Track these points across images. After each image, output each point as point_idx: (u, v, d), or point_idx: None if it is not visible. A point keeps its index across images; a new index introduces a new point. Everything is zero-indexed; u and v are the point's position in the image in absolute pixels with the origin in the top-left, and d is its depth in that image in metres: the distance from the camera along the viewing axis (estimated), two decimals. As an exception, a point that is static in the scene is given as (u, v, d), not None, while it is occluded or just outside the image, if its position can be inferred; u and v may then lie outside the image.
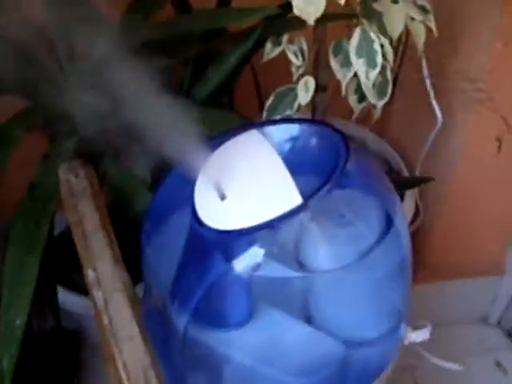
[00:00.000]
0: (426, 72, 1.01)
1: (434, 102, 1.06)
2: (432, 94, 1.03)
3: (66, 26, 0.82)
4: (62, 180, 0.81)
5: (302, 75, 0.84)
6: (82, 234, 0.73)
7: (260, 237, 0.63)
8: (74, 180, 0.80)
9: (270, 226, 0.62)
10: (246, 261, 0.64)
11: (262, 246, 0.64)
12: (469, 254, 1.31)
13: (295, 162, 0.68)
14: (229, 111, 0.91)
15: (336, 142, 0.69)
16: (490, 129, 0.98)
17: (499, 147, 0.97)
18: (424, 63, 1.00)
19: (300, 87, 0.83)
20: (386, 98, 0.86)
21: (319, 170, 0.68)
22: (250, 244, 0.64)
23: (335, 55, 0.83)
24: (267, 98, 0.87)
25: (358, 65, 0.78)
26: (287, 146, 0.72)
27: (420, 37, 0.83)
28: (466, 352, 1.37)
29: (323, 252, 0.69)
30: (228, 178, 0.67)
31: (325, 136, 0.71)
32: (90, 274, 0.69)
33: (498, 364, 1.37)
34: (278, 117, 0.84)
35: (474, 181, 1.17)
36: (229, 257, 0.65)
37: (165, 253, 0.75)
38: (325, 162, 0.69)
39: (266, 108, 0.86)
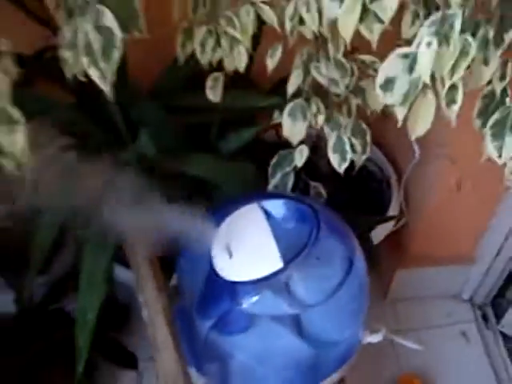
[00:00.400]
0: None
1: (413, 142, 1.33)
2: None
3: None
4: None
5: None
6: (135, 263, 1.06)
7: (253, 286, 0.96)
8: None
9: (258, 281, 0.95)
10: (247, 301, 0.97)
11: (255, 291, 0.96)
12: (444, 247, 1.61)
13: (282, 229, 1.00)
14: (247, 163, 1.20)
15: (311, 216, 1.00)
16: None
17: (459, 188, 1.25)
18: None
19: (297, 152, 1.12)
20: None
21: (301, 234, 1.00)
22: (250, 288, 0.96)
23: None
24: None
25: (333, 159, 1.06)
26: (278, 215, 1.03)
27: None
28: (436, 323, 1.70)
29: (306, 289, 1.00)
30: (233, 242, 0.99)
31: (304, 209, 1.02)
32: (140, 297, 1.03)
33: (463, 334, 1.69)
34: (277, 177, 1.13)
35: (447, 200, 1.46)
36: (233, 295, 0.97)
37: (194, 274, 1.07)
38: (305, 229, 1.00)
39: (271, 165, 1.15)
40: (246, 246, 0.99)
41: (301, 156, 1.13)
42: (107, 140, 1.18)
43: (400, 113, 0.75)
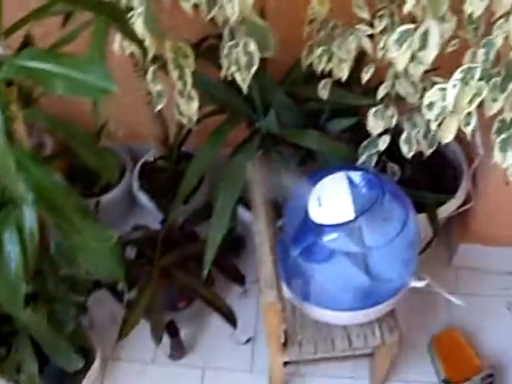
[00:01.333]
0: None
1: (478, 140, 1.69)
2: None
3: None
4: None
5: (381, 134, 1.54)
6: (255, 204, 1.53)
7: (333, 228, 1.40)
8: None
9: (336, 225, 1.38)
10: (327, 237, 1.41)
11: (334, 231, 1.40)
12: (504, 229, 1.98)
13: (358, 192, 1.43)
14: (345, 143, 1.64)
15: (379, 185, 1.42)
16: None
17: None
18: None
19: (381, 140, 1.53)
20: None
21: (371, 197, 1.42)
22: (330, 229, 1.40)
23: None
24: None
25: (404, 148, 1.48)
26: (358, 182, 1.45)
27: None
28: (488, 293, 2.06)
29: (371, 236, 1.43)
30: (323, 196, 1.42)
31: (375, 180, 1.44)
32: (254, 228, 1.49)
33: (509, 304, 2.05)
34: (364, 156, 1.55)
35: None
36: (318, 233, 1.42)
37: (293, 217, 1.52)
38: (374, 194, 1.42)
39: (360, 146, 1.57)
40: (331, 201, 1.42)
41: (383, 143, 1.54)
42: (247, 112, 1.64)
43: (433, 125, 1.16)
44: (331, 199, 1.42)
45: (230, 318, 1.76)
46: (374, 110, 1.43)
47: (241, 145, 1.67)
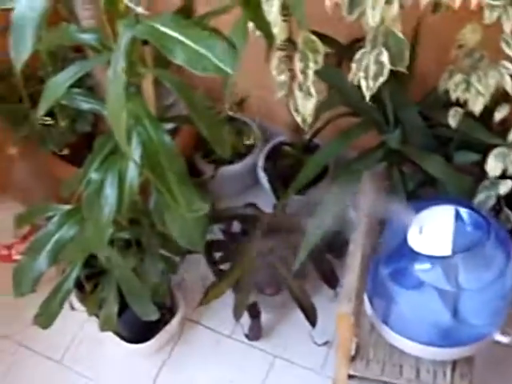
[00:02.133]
0: None
1: None
2: None
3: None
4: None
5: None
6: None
7: (428, 259, 1.36)
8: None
9: (431, 257, 1.35)
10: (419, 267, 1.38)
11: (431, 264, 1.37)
12: None
13: (463, 230, 1.38)
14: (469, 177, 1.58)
15: (486, 229, 1.37)
16: None
17: None
18: None
19: (502, 184, 1.47)
20: None
21: (474, 238, 1.38)
22: (425, 259, 1.37)
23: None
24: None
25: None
26: (465, 219, 1.40)
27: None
28: None
29: (467, 277, 1.39)
30: (426, 225, 1.39)
31: (483, 223, 1.39)
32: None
33: None
34: (482, 196, 1.49)
35: None
36: (412, 259, 1.39)
37: (392, 238, 1.50)
38: (478, 235, 1.38)
39: (480, 185, 1.51)
40: (433, 231, 1.39)
41: (505, 187, 1.48)
42: (379, 123, 1.62)
43: None
44: (433, 230, 1.39)
45: (311, 317, 1.76)
46: (496, 150, 1.38)
47: (364, 152, 1.65)
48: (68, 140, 1.82)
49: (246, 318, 1.86)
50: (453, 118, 1.41)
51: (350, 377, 1.67)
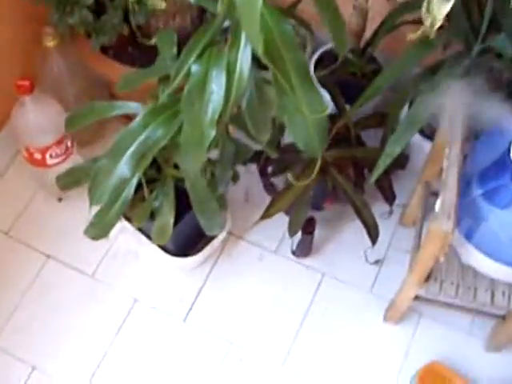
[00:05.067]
0: None
1: None
2: None
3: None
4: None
5: None
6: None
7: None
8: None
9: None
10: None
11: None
12: None
13: None
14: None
15: None
16: None
17: None
18: None
19: None
20: None
21: None
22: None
23: None
24: None
25: None
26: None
27: None
28: None
29: None
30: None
31: None
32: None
33: None
34: None
35: None
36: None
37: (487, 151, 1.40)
38: None
39: None
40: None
41: None
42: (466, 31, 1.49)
43: None
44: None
45: (373, 233, 1.67)
46: None
47: (447, 62, 1.53)
48: (120, 32, 1.64)
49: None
50: None
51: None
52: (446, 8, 1.16)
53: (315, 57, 1.95)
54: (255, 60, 1.08)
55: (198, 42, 1.14)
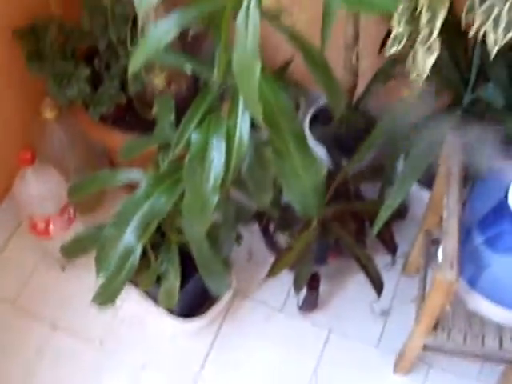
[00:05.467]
0: None
1: None
2: None
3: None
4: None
5: None
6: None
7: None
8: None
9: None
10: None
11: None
12: None
13: None
14: None
15: None
16: None
17: None
18: None
19: None
20: None
21: None
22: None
23: None
24: None
25: None
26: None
27: None
28: None
29: None
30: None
31: None
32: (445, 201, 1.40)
33: None
34: None
35: None
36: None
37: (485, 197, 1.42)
38: None
39: None
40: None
41: None
42: (457, 80, 1.52)
43: None
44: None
45: (378, 286, 1.68)
46: None
47: (440, 113, 1.56)
48: (118, 102, 1.67)
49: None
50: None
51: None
52: (431, 60, 1.19)
53: (310, 113, 1.98)
54: (251, 120, 1.11)
55: (196, 110, 1.16)
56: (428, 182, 1.75)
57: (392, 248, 1.78)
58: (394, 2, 0.85)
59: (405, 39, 1.21)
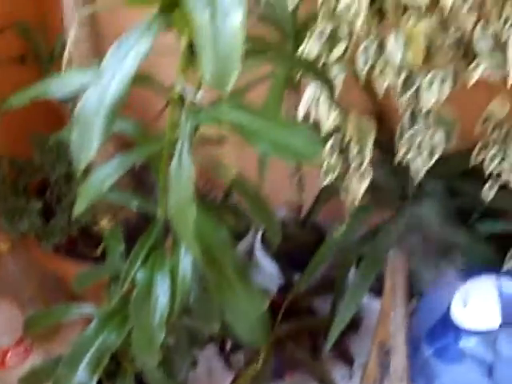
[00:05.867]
0: None
1: None
2: None
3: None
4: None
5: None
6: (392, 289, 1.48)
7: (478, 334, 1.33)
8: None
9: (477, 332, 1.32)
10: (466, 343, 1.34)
11: (474, 337, 1.33)
12: None
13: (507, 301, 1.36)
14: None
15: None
16: None
17: None
18: None
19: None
20: None
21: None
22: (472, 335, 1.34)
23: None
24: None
25: None
26: (508, 290, 1.39)
27: None
28: None
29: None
30: (470, 298, 1.36)
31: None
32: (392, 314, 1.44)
33: None
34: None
35: None
36: (458, 336, 1.35)
37: (431, 310, 1.46)
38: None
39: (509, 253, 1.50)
40: (478, 304, 1.36)
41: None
42: (396, 197, 1.60)
43: None
44: (478, 303, 1.37)
45: (336, 400, 1.69)
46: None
47: (383, 226, 1.63)
48: (69, 232, 1.71)
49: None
50: (489, 191, 1.39)
51: None
52: (364, 185, 1.26)
53: (261, 231, 2.03)
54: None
55: (142, 246, 1.20)
56: (380, 291, 1.80)
57: (349, 360, 1.80)
58: (315, 151, 0.91)
59: (338, 169, 1.29)
